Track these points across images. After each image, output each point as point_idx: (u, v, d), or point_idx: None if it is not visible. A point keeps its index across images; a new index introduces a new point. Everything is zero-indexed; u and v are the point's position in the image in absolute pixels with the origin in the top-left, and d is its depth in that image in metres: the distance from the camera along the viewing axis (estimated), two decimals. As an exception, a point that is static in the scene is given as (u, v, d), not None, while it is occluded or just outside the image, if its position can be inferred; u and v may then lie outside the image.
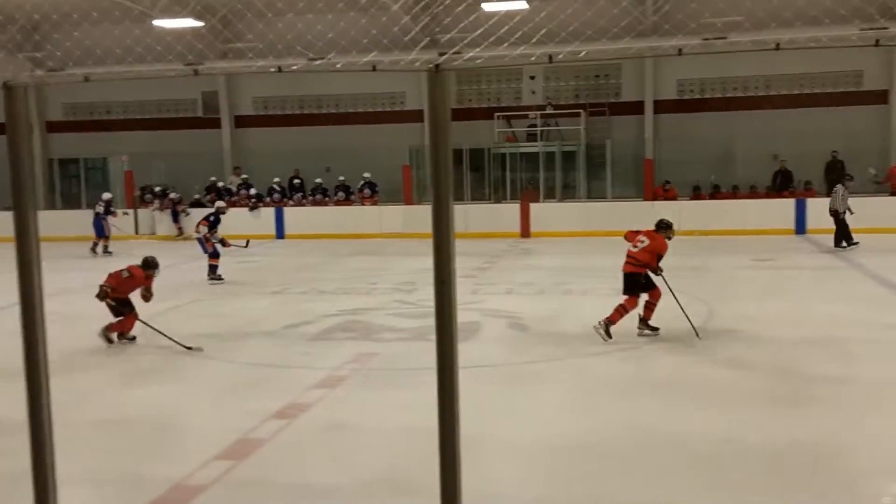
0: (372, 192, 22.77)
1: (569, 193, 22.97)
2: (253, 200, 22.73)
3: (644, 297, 8.80)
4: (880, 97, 21.63)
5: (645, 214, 19.97)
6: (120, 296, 8.87)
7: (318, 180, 23.35)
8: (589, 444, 5.71)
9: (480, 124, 23.10)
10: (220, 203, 15.46)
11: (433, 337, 3.15)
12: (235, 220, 22.10)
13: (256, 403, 6.76)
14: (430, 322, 3.13)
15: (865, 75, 21.72)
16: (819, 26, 9.80)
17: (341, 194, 23.16)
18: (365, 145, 23.11)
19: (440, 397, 3.01)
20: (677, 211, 19.91)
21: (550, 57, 3.52)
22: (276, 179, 23.49)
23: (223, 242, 14.01)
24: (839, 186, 16.51)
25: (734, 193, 21.37)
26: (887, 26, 16.07)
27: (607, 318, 8.67)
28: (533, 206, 20.87)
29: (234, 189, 23.52)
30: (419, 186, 22.13)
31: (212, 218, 14.23)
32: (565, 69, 23.48)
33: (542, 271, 14.32)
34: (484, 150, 23.10)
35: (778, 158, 21.11)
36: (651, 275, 8.79)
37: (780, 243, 17.43)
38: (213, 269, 13.85)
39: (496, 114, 23.08)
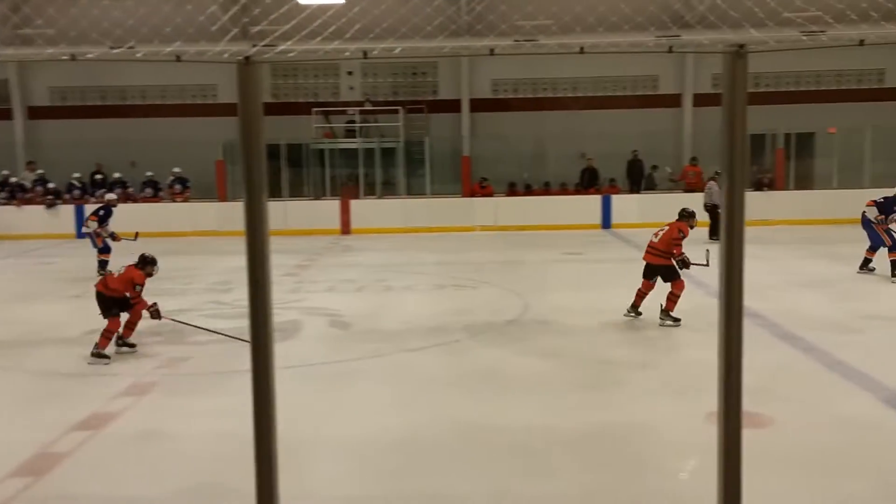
0: (183, 188, 21.79)
1: (389, 190, 23.07)
2: (50, 198, 21.09)
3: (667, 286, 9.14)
4: (674, 101, 23.30)
5: (463, 211, 20.52)
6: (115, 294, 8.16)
7: (118, 175, 21.96)
8: (412, 438, 5.72)
9: (298, 119, 22.70)
10: (110, 196, 14.81)
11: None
12: (31, 219, 20.57)
13: (55, 415, 6.26)
14: (247, 323, 2.99)
15: (661, 80, 23.32)
16: (619, 32, 10.37)
17: (149, 190, 21.99)
18: (175, 139, 22.05)
19: (255, 399, 2.87)
20: (493, 207, 20.59)
21: (365, 53, 3.46)
22: (76, 175, 21.92)
23: (113, 237, 13.51)
24: (713, 183, 17.50)
25: (546, 190, 22.29)
26: (679, 34, 17.32)
27: (633, 304, 9.29)
28: (353, 203, 20.78)
29: (28, 185, 21.72)
30: (233, 182, 21.44)
31: (101, 212, 13.72)
32: (383, 66, 23.54)
33: (362, 268, 14.27)
34: (302, 145, 22.73)
35: (585, 157, 22.23)
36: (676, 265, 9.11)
37: (589, 237, 18.36)
38: (103, 265, 13.19)
39: (314, 109, 22.77)
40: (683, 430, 5.76)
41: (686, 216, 9.63)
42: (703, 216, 17.59)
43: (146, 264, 8.40)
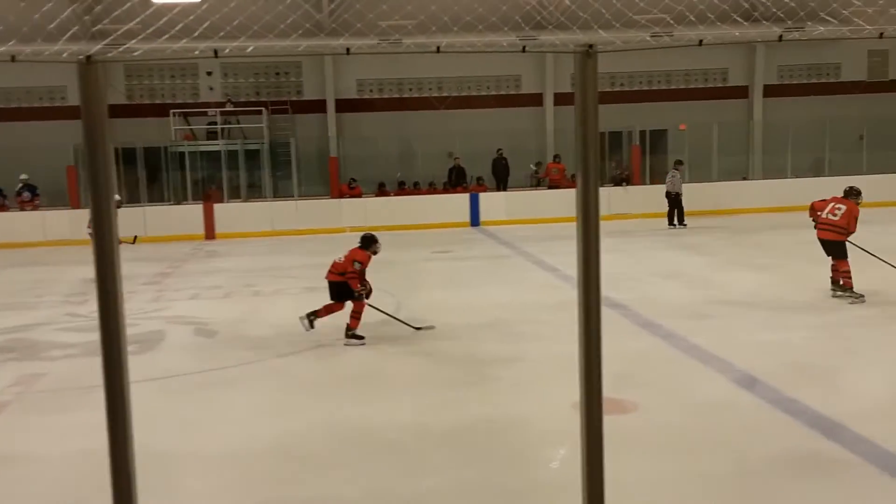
0: (32, 196, 20.52)
1: (254, 193, 22.56)
2: None
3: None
4: (536, 100, 23.92)
5: (332, 212, 20.31)
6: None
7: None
8: (285, 446, 5.61)
9: (156, 122, 21.84)
10: (115, 197, 13.50)
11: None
12: None
13: None
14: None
15: (523, 79, 23.89)
16: (474, 32, 10.50)
17: (-6, 199, 20.62)
18: (21, 144, 20.74)
19: (109, 415, 2.72)
20: (363, 208, 20.50)
21: (216, 52, 3.34)
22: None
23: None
24: (675, 171, 18.45)
25: (416, 190, 22.39)
26: (535, 35, 17.77)
27: (845, 284, 9.33)
28: (217, 207, 20.17)
29: None
30: (86, 188, 20.36)
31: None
32: (244, 66, 22.99)
33: (228, 274, 13.88)
34: (160, 148, 21.88)
35: (452, 156, 22.49)
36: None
37: (458, 235, 18.58)
38: None
39: (172, 111, 21.95)
40: (554, 421, 5.91)
41: (855, 194, 9.88)
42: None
43: (371, 243, 8.57)
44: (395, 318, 9.04)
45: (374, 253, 8.61)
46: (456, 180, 22.42)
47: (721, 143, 22.60)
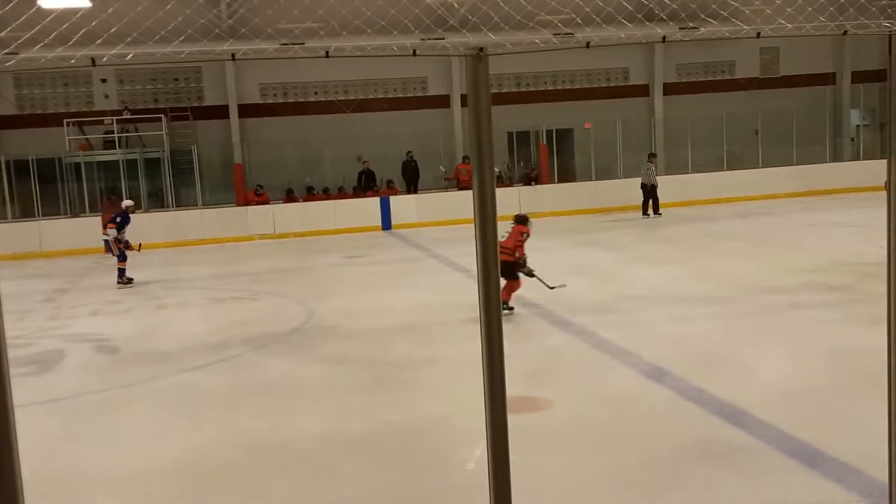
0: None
1: (155, 202, 21.88)
2: None
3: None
4: (444, 101, 23.99)
5: (238, 220, 19.88)
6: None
7: None
8: (194, 463, 5.41)
9: (49, 132, 20.94)
10: (127, 202, 14.52)
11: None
12: None
13: None
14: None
15: (430, 81, 23.91)
16: (363, 35, 10.37)
17: None
18: None
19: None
20: (270, 215, 20.14)
21: (93, 60, 3.18)
22: None
23: (128, 245, 13.56)
24: (649, 164, 19.74)
25: (326, 195, 22.13)
26: (444, 36, 17.81)
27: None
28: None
29: None
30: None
31: (118, 219, 13.64)
32: (141, 72, 22.27)
33: (130, 287, 13.39)
34: (55, 159, 20.98)
35: (361, 159, 22.33)
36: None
37: (370, 240, 18.45)
38: (122, 273, 13.48)
39: (66, 120, 21.09)
40: (470, 421, 5.87)
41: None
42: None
43: (526, 219, 9.61)
44: (542, 281, 9.56)
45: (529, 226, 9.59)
46: (366, 184, 22.28)
47: (625, 141, 23.14)
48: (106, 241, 13.88)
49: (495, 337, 2.25)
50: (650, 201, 19.60)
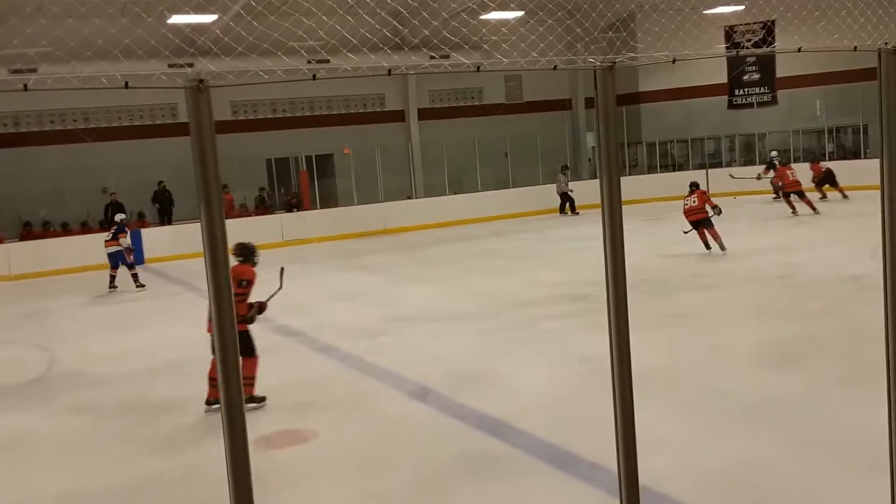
0: None
1: None
2: None
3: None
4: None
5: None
6: None
7: None
8: None
9: None
10: (122, 215, 15.84)
11: None
12: None
13: None
14: None
15: (179, 108, 22.88)
16: (111, 59, 9.78)
17: None
18: None
19: None
20: (6, 254, 18.25)
21: None
22: None
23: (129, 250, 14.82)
24: (561, 175, 22.41)
25: (66, 231, 20.40)
26: (191, 63, 17.18)
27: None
28: None
29: None
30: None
31: (126, 228, 15.22)
32: None
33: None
34: None
35: (108, 191, 20.90)
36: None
37: (120, 276, 17.22)
38: (136, 277, 15.06)
39: None
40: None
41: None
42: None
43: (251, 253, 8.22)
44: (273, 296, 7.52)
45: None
46: (113, 217, 20.85)
47: (385, 165, 23.55)
48: (118, 252, 14.82)
49: (233, 377, 2.13)
50: (566, 203, 22.21)
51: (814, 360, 7.17)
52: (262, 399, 6.89)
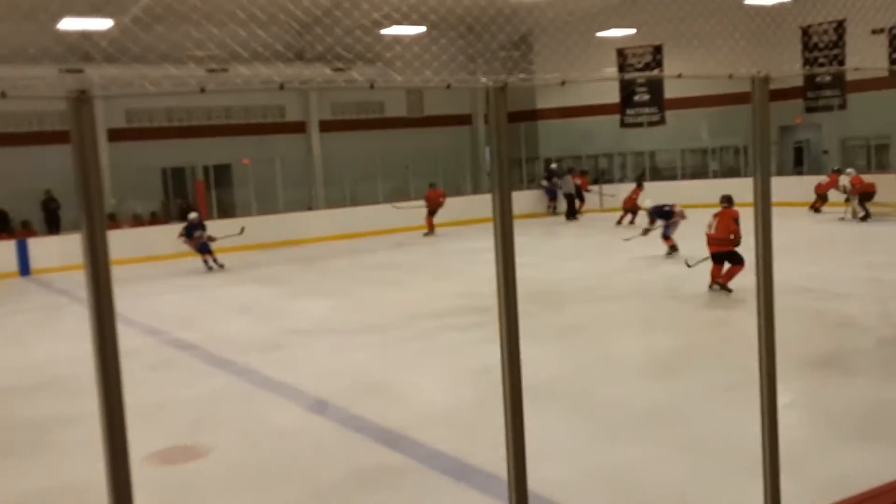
0: None
1: None
2: None
3: None
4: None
5: None
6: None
7: None
8: None
9: None
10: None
11: None
12: None
13: None
14: None
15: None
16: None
17: None
18: None
19: None
20: None
21: None
22: None
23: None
24: (568, 176, 22.86)
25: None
26: (81, 68, 16.58)
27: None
28: None
29: None
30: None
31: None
32: None
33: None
34: None
35: (-10, 198, 19.90)
36: None
37: (4, 288, 16.44)
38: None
39: None
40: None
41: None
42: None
43: (732, 200, 10.63)
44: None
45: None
46: (-2, 226, 19.88)
47: (285, 176, 23.23)
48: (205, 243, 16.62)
49: (113, 388, 2.09)
50: (571, 207, 22.66)
51: (697, 369, 7.51)
52: None
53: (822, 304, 9.98)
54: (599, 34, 22.99)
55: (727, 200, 10.87)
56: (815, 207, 19.87)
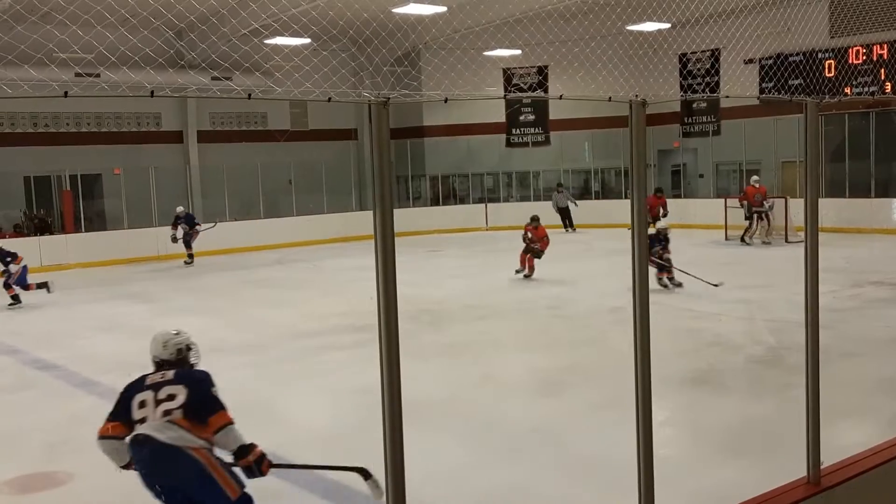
0: None
1: None
2: None
3: None
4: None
5: None
6: None
7: None
8: None
9: None
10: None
11: None
12: None
13: None
14: None
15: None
16: None
17: None
18: None
19: None
20: None
21: None
22: None
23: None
24: (558, 193, 23.26)
25: None
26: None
27: None
28: None
29: None
30: None
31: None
32: None
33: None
34: None
35: None
36: None
37: None
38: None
39: None
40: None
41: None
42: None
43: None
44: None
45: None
46: None
47: (160, 188, 22.34)
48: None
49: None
50: (566, 220, 22.88)
51: (577, 387, 7.61)
52: None
53: (698, 323, 10.34)
54: (486, 53, 23.34)
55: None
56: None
